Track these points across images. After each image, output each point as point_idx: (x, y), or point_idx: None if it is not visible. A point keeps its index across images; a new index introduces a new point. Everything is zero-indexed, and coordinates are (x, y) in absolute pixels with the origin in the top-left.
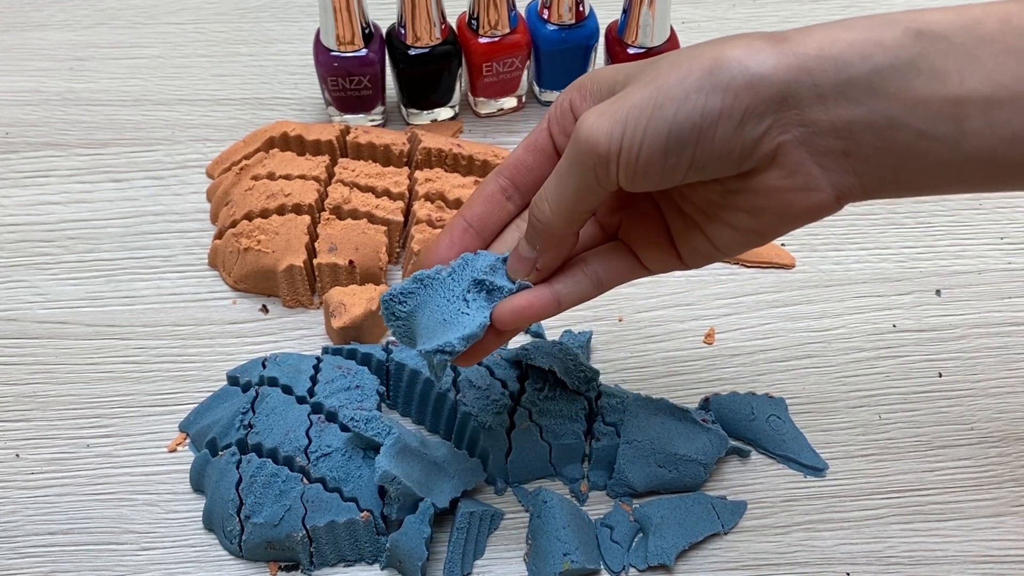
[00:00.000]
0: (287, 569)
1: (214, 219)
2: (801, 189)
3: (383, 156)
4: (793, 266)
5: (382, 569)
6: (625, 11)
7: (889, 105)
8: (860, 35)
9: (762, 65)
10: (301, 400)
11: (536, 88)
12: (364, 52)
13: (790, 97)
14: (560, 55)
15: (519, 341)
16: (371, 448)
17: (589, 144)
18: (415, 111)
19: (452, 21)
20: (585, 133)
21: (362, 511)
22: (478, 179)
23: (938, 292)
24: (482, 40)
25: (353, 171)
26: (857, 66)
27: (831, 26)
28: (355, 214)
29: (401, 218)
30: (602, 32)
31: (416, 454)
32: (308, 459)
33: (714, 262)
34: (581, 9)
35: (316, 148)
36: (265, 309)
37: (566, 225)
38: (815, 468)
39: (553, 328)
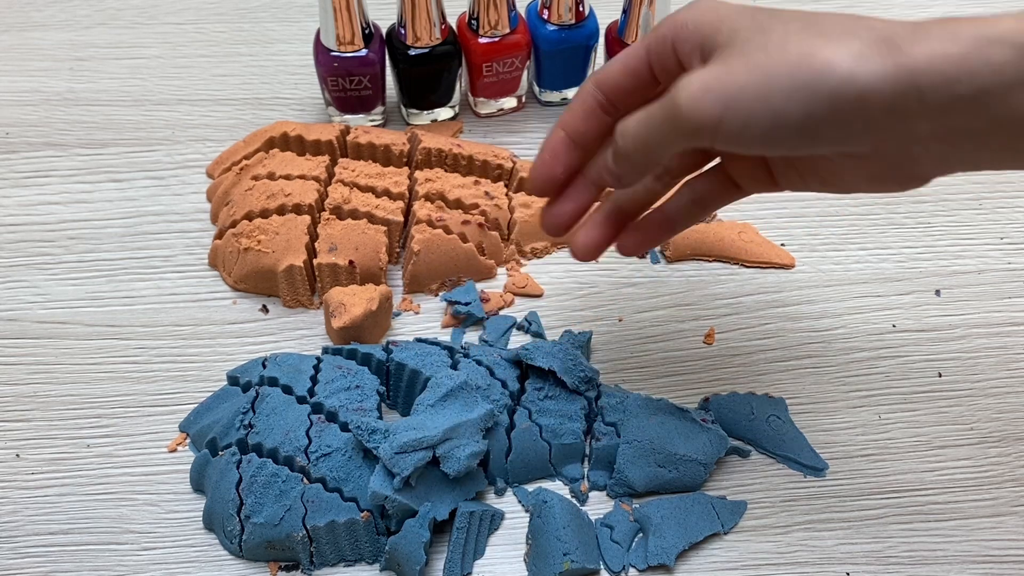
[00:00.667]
0: (287, 569)
1: (214, 219)
2: (898, 169)
3: (383, 156)
4: (793, 266)
5: (381, 571)
6: (625, 11)
7: (991, 117)
8: (968, 50)
9: (872, 76)
10: (301, 400)
11: (536, 88)
12: (364, 52)
13: (897, 109)
14: (560, 55)
15: (519, 340)
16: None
17: (690, 115)
18: (415, 111)
19: (452, 21)
20: (687, 104)
21: (362, 511)
22: (478, 179)
23: (938, 292)
24: (482, 40)
25: (353, 171)
26: (964, 84)
27: (938, 33)
28: (355, 214)
29: (401, 218)
30: (602, 32)
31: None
32: (308, 459)
33: (811, 190)
34: (581, 9)
35: (316, 148)
36: (265, 309)
37: (646, 162)
38: (815, 468)
39: (554, 329)
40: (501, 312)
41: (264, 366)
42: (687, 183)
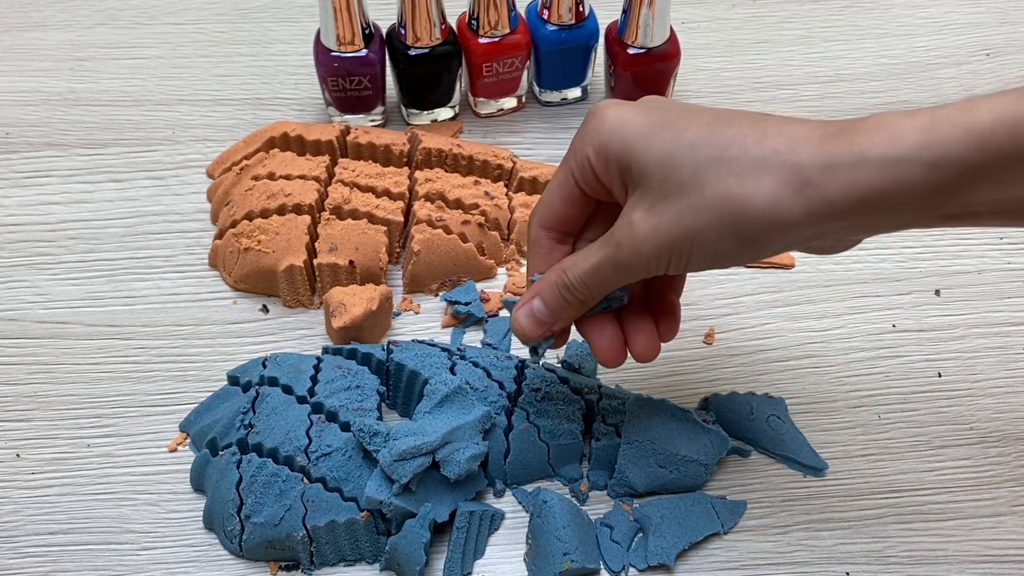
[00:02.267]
0: (287, 569)
1: (214, 219)
2: (829, 249)
3: (383, 156)
4: (793, 266)
5: (381, 571)
6: (625, 11)
7: (907, 219)
8: (878, 177)
9: (790, 214)
10: (301, 400)
11: (536, 88)
12: (364, 52)
13: (817, 227)
14: (560, 55)
15: (519, 348)
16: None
17: (633, 266)
18: (415, 111)
19: (452, 21)
20: (629, 258)
21: (362, 511)
22: (478, 179)
23: (937, 292)
24: (482, 40)
25: (353, 171)
26: (881, 204)
27: (846, 161)
28: (355, 214)
29: (401, 218)
30: (602, 32)
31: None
32: (308, 459)
33: None
34: (581, 9)
35: (316, 148)
36: (265, 309)
37: (596, 299)
38: (815, 468)
39: None
40: (501, 312)
41: (264, 366)
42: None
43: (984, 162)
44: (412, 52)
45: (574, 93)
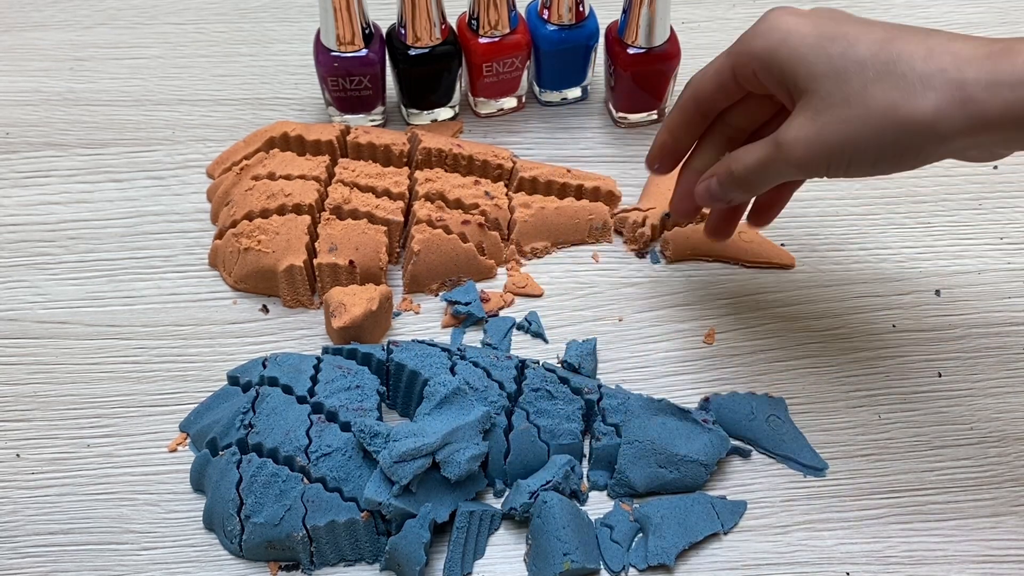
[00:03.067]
0: (287, 569)
1: (214, 219)
2: (978, 158)
3: (383, 156)
4: (793, 266)
5: (381, 571)
6: (625, 11)
7: None
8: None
9: (952, 126)
10: (301, 400)
11: (536, 88)
12: (364, 52)
13: (973, 142)
14: (560, 55)
15: (520, 340)
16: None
17: (801, 165)
18: (415, 111)
19: (452, 21)
20: (797, 158)
21: (362, 511)
22: (478, 179)
23: (938, 292)
24: (482, 40)
25: (353, 171)
26: None
27: (1009, 82)
28: (355, 214)
29: (401, 218)
30: (602, 32)
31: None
32: (308, 459)
33: None
34: (581, 9)
35: (316, 148)
36: (265, 309)
37: (755, 189)
38: (815, 468)
39: (554, 329)
40: (501, 312)
41: (264, 366)
42: None
43: None
44: (412, 52)
45: (574, 93)
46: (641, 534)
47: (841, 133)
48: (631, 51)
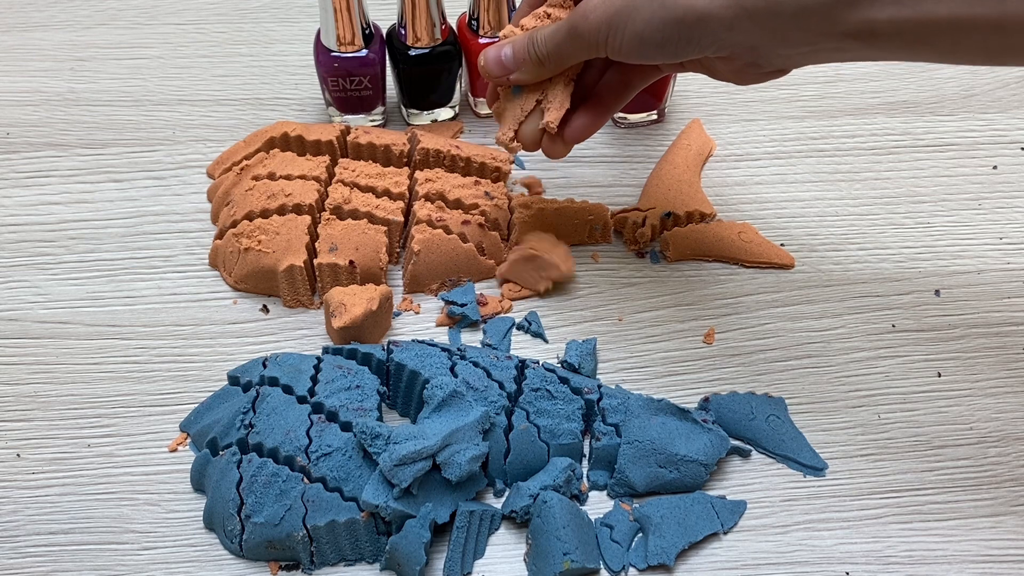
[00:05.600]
0: (287, 568)
1: (215, 219)
2: (754, 67)
3: (383, 156)
4: (793, 266)
5: (381, 571)
6: None
7: (816, 30)
8: None
9: (708, 9)
10: (302, 400)
11: None
12: (364, 52)
13: (735, 27)
14: None
15: (520, 340)
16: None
17: (583, 28)
18: (415, 111)
19: (452, 21)
20: (580, 19)
21: (362, 511)
22: (478, 179)
23: (937, 292)
24: (482, 40)
25: (353, 171)
26: (787, 6)
27: None
28: (355, 214)
29: (401, 218)
30: None
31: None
32: (308, 459)
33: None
34: None
35: (316, 148)
36: (266, 309)
37: (555, 65)
38: (814, 468)
39: (553, 329)
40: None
41: (264, 366)
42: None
43: None
44: (412, 52)
45: None
46: (641, 534)
47: (620, 2)
48: None
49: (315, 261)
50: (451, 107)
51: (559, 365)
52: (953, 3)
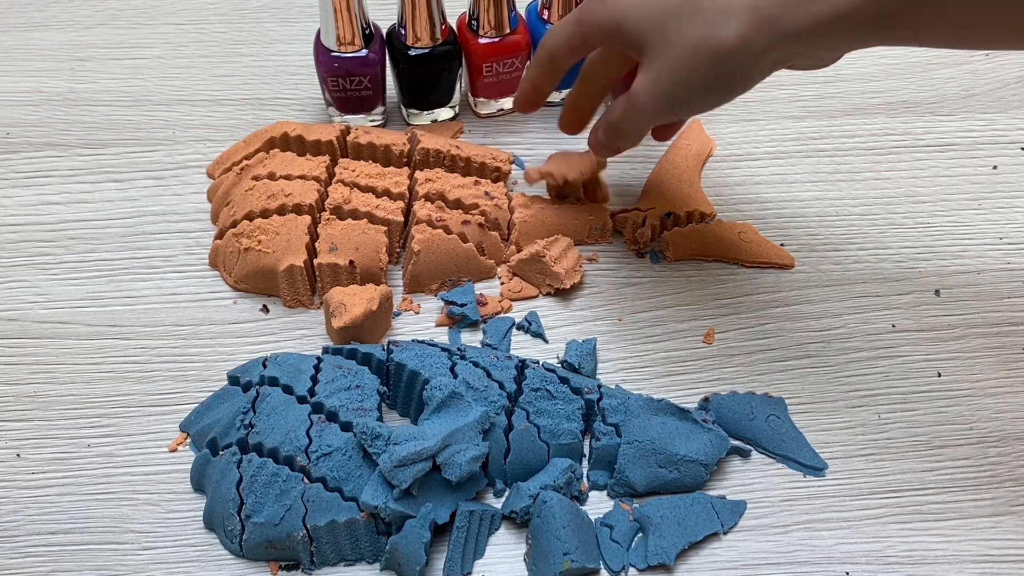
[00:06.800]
0: (288, 568)
1: (215, 219)
2: (799, 66)
3: (383, 156)
4: (793, 266)
5: (381, 571)
6: None
7: (855, 40)
8: (833, 10)
9: (756, 46)
10: (302, 400)
11: None
12: (364, 52)
13: (780, 59)
14: None
15: (520, 340)
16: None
17: (653, 111)
18: (415, 111)
19: (452, 21)
20: (647, 105)
21: (362, 511)
22: (478, 179)
23: (937, 292)
24: (482, 40)
25: (353, 171)
26: (828, 40)
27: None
28: (355, 214)
29: (401, 218)
30: None
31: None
32: (308, 459)
33: None
34: None
35: (316, 148)
36: (266, 309)
37: (638, 135)
38: (814, 467)
39: (553, 329)
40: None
41: (264, 366)
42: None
43: (919, 8)
44: (412, 52)
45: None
46: (641, 534)
47: (672, 77)
48: None
49: (315, 261)
50: (451, 107)
51: (559, 365)
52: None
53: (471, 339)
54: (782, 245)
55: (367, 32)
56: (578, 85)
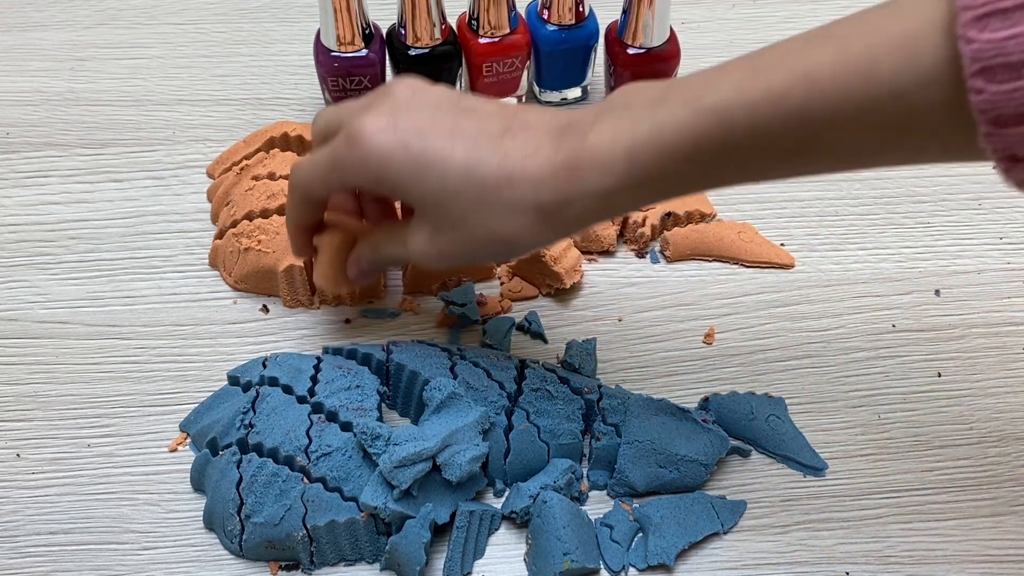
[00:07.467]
0: (287, 569)
1: (215, 219)
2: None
3: None
4: (793, 266)
5: (381, 571)
6: (625, 11)
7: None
8: (606, 206)
9: (544, 239)
10: (301, 400)
11: (536, 88)
12: (364, 52)
13: (568, 237)
14: (560, 55)
15: (520, 340)
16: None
17: (425, 265)
18: None
19: (452, 21)
20: (424, 264)
21: (362, 511)
22: None
23: (937, 292)
24: (482, 40)
25: None
26: (602, 220)
27: (587, 174)
28: None
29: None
30: (602, 32)
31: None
32: (308, 459)
33: None
34: (581, 9)
35: None
36: (265, 309)
37: (382, 266)
38: (814, 468)
39: (553, 329)
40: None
41: (264, 366)
42: None
43: (681, 172)
44: (412, 52)
45: (574, 93)
46: (641, 534)
47: (456, 250)
48: (631, 51)
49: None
50: None
51: (559, 365)
52: (748, 172)
53: (471, 339)
54: (782, 245)
55: (367, 32)
56: (301, 207)
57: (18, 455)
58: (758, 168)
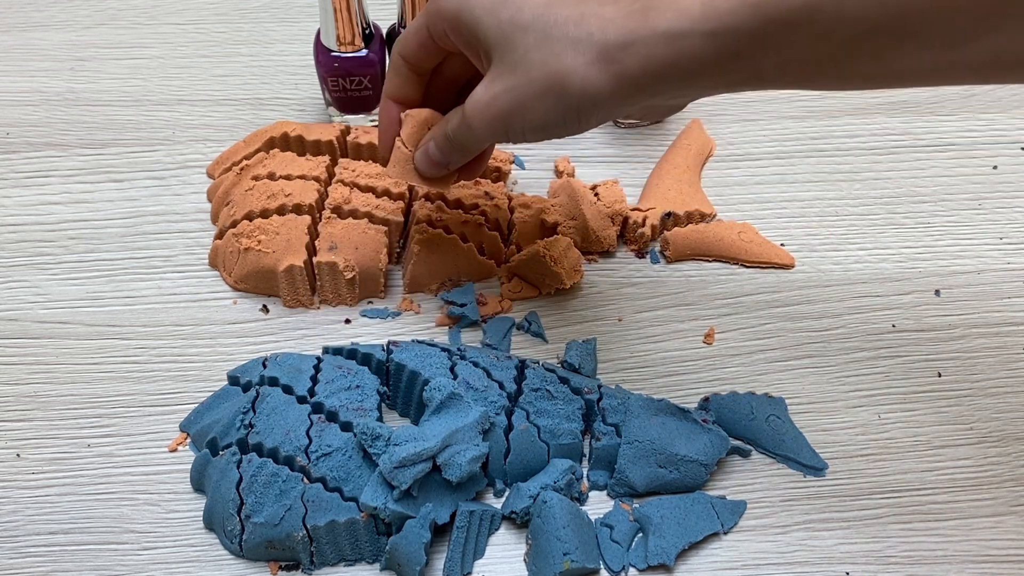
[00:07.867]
0: (287, 568)
1: (214, 219)
2: (643, 115)
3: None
4: (793, 266)
5: (381, 571)
6: None
7: (698, 88)
8: (667, 51)
9: (599, 88)
10: (301, 400)
11: None
12: (364, 52)
13: (621, 102)
14: None
15: (520, 340)
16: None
17: (481, 132)
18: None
19: None
20: (476, 126)
21: (362, 511)
22: (478, 179)
23: (937, 292)
24: None
25: (353, 171)
26: (673, 77)
27: (642, 37)
28: (355, 214)
29: (401, 218)
30: None
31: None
32: (308, 459)
33: None
34: None
35: (316, 148)
36: (265, 309)
37: (463, 154)
38: (815, 468)
39: (553, 329)
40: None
41: (264, 366)
42: None
43: (760, 29)
44: None
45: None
46: (641, 534)
47: (510, 101)
48: None
49: (315, 259)
50: None
51: (559, 365)
52: (831, 45)
53: (471, 339)
54: (782, 245)
55: (367, 32)
56: (399, 71)
57: (18, 455)
58: (839, 42)
